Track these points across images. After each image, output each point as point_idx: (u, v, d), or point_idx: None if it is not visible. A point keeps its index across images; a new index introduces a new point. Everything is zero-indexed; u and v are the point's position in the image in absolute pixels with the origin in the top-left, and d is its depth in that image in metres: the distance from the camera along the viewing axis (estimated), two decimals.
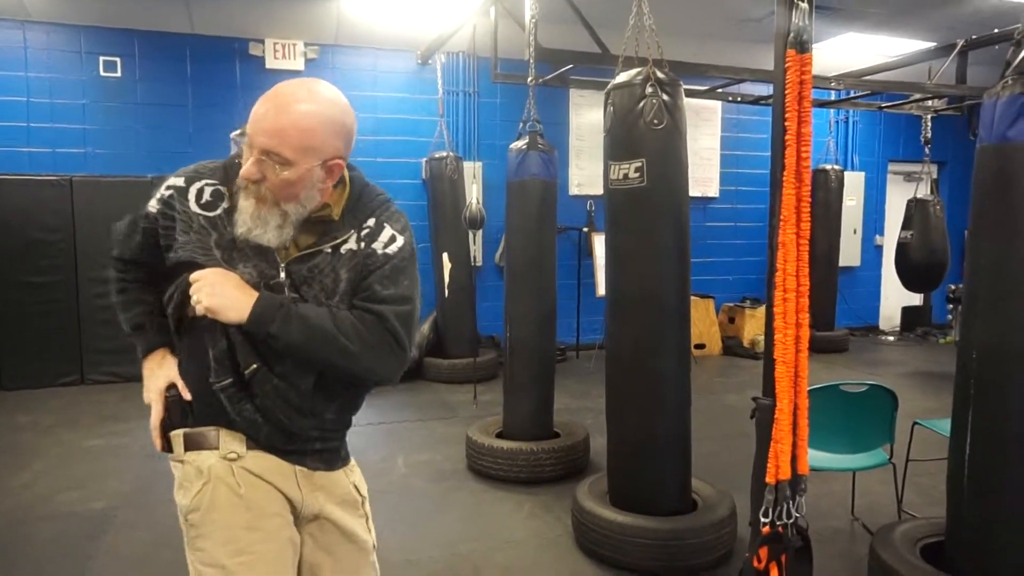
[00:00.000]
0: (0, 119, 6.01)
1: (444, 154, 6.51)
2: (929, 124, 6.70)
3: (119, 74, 6.27)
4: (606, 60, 4.45)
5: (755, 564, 2.20)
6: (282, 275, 1.40)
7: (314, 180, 1.36)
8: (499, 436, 4.11)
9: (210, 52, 6.48)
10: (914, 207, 6.87)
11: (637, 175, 2.93)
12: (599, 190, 3.23)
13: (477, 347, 6.54)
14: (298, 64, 6.64)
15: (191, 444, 1.44)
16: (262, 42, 6.55)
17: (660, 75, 2.91)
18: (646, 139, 2.91)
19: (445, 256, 6.43)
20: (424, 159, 6.82)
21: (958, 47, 5.20)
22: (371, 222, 1.46)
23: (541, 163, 4.06)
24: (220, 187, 1.43)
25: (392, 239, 1.46)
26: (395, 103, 6.88)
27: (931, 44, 5.89)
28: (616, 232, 3.11)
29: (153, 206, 1.46)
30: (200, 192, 1.43)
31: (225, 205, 1.41)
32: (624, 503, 3.03)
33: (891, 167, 9.12)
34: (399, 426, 4.96)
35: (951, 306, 8.25)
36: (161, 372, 1.50)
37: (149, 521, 3.38)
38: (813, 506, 3.43)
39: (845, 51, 7.09)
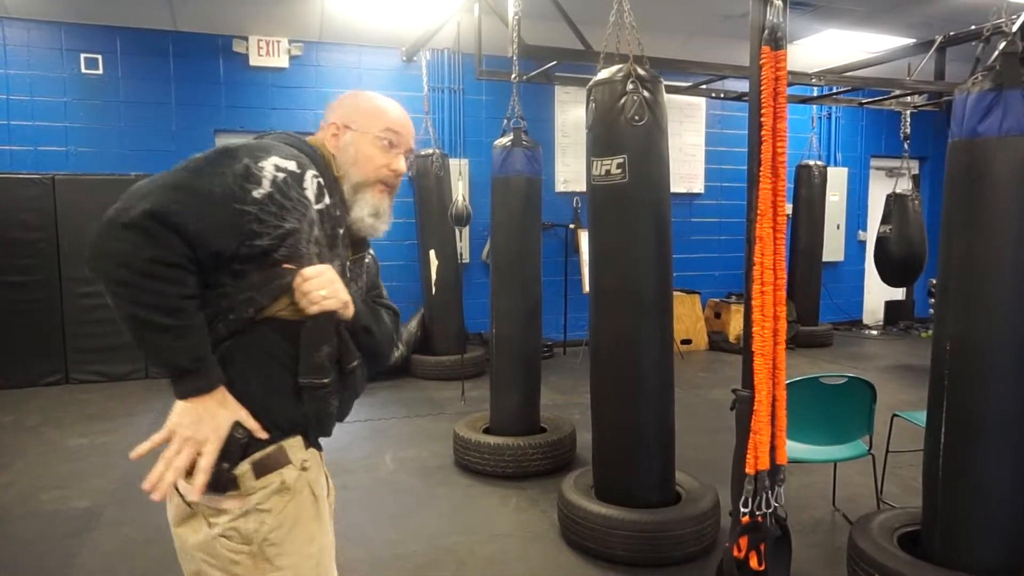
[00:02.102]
0: None
1: (430, 151, 6.51)
2: (909, 120, 6.78)
3: (101, 71, 6.22)
4: (589, 57, 4.48)
5: (735, 553, 2.24)
6: (347, 273, 1.46)
7: None
8: (486, 432, 4.13)
9: (193, 49, 6.44)
10: (893, 202, 6.95)
11: (619, 171, 2.95)
12: (584, 187, 3.26)
13: (464, 344, 6.56)
14: (282, 61, 6.62)
15: (263, 470, 1.32)
16: (246, 39, 6.52)
17: (641, 72, 2.94)
18: (627, 135, 2.94)
19: (432, 253, 6.44)
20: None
21: (936, 43, 5.27)
22: None
23: (525, 159, 4.08)
24: (320, 178, 1.37)
25: (372, 250, 1.61)
26: None
27: (910, 40, 5.95)
28: (599, 228, 3.14)
29: (267, 188, 1.26)
30: (312, 181, 1.35)
31: (327, 200, 1.37)
32: (609, 496, 3.07)
33: (873, 163, 9.22)
34: (386, 423, 4.97)
35: (933, 300, 8.35)
36: (225, 411, 1.27)
37: (134, 519, 3.38)
38: (794, 497, 3.49)
39: (826, 47, 7.16)
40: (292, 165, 1.31)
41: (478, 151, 7.16)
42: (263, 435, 1.30)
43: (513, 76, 4.14)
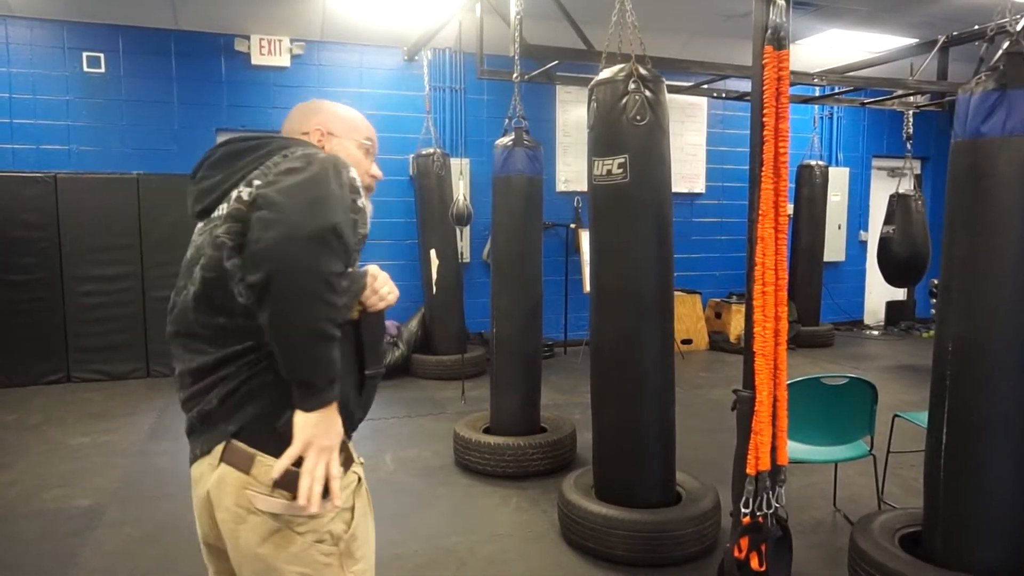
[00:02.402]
0: None
1: (431, 151, 6.51)
2: (911, 120, 6.77)
3: (103, 70, 6.23)
4: (591, 56, 4.47)
5: (736, 553, 2.24)
6: None
7: None
8: (486, 431, 4.13)
9: (195, 48, 6.45)
10: (896, 202, 6.94)
11: (620, 171, 2.95)
12: (585, 186, 3.26)
13: (465, 344, 6.56)
14: (284, 60, 6.62)
15: (345, 470, 1.37)
16: (248, 38, 6.52)
17: (643, 71, 2.93)
18: (629, 135, 2.93)
19: (433, 253, 6.44)
20: (411, 156, 6.82)
21: (939, 43, 5.26)
22: None
23: (527, 159, 4.08)
24: None
25: None
26: (381, 100, 6.87)
27: (913, 40, 5.95)
28: (600, 227, 3.14)
29: (362, 197, 1.35)
30: None
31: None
32: (609, 496, 3.06)
33: (875, 163, 9.21)
34: (387, 422, 4.97)
35: (934, 300, 8.34)
36: (339, 418, 1.28)
37: (136, 518, 3.38)
38: (795, 498, 3.49)
39: (828, 47, 7.15)
40: (353, 173, 1.35)
41: (479, 151, 7.15)
42: (347, 440, 1.36)
43: (515, 75, 4.14)
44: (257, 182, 1.29)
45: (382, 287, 1.39)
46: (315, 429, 1.23)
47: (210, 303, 1.32)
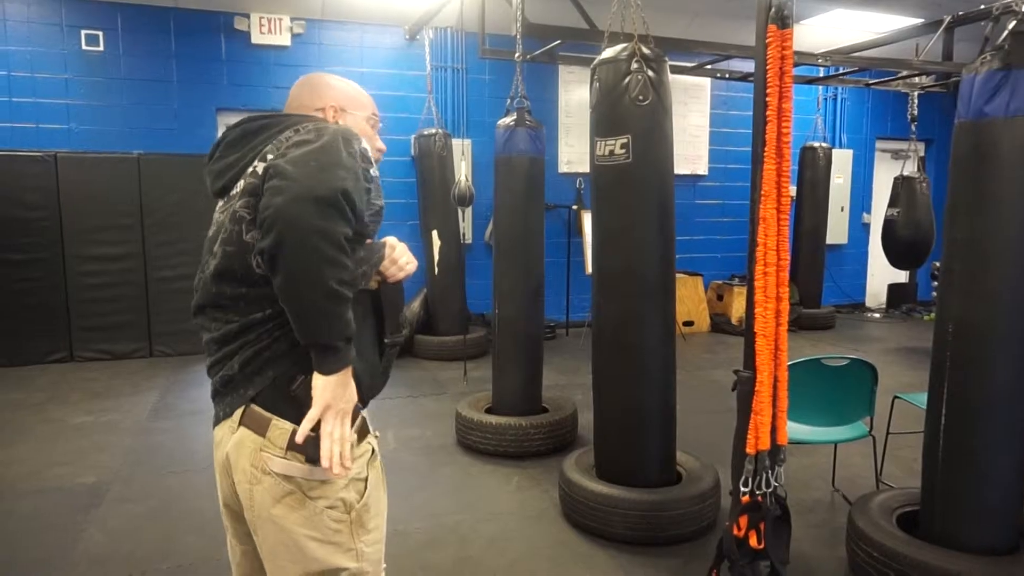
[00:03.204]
0: None
1: (433, 131, 6.48)
2: (916, 101, 6.72)
3: (101, 48, 6.19)
4: (593, 36, 4.44)
5: (735, 532, 2.26)
6: None
7: None
8: (488, 411, 4.15)
9: (195, 26, 6.40)
10: (900, 184, 6.91)
11: (623, 151, 2.94)
12: (588, 168, 3.25)
13: (467, 325, 6.58)
14: (284, 39, 6.57)
15: (360, 439, 1.44)
16: (248, 16, 6.47)
17: (645, 51, 2.91)
18: (631, 115, 2.92)
19: (434, 234, 6.45)
20: (413, 136, 6.79)
21: (945, 23, 5.20)
22: None
23: (529, 139, 4.06)
24: None
25: None
26: (382, 79, 6.83)
27: (918, 20, 5.89)
28: (602, 208, 3.14)
29: (374, 168, 1.39)
30: None
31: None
32: (610, 475, 3.09)
33: (879, 145, 9.16)
34: (389, 402, 5.00)
35: (935, 283, 8.33)
36: (352, 382, 1.31)
37: (140, 495, 3.42)
38: (794, 477, 3.51)
39: (833, 27, 7.08)
40: (365, 144, 1.38)
41: (481, 131, 7.12)
42: (364, 411, 1.41)
43: (517, 55, 4.11)
44: (270, 156, 1.33)
45: (400, 257, 1.43)
46: (333, 392, 1.26)
47: (232, 275, 1.35)
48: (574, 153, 7.63)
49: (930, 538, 2.43)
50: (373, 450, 1.48)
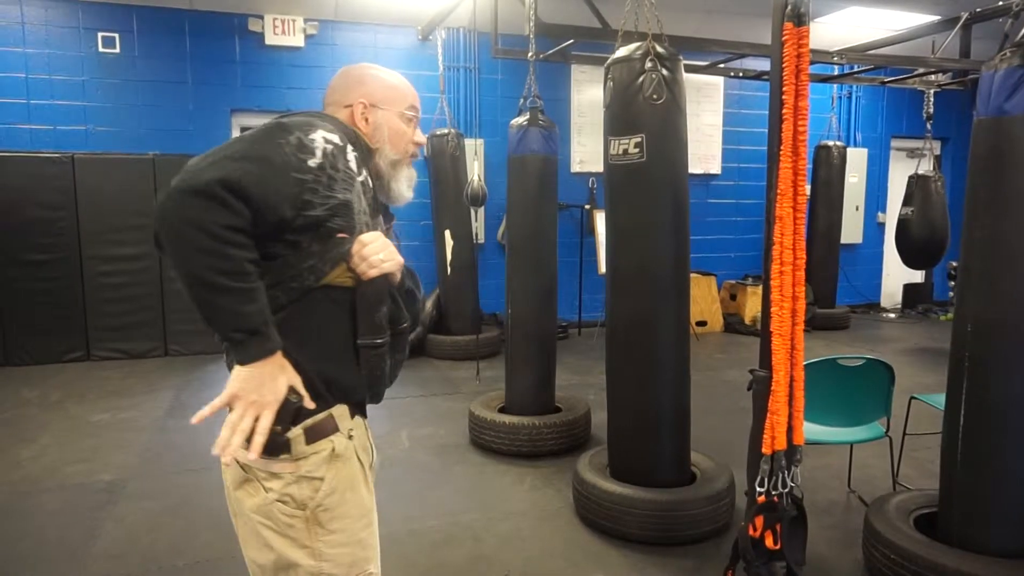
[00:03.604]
0: (0, 95, 6.01)
1: (445, 131, 6.49)
2: (932, 99, 6.66)
3: (118, 50, 6.25)
4: (606, 35, 4.43)
5: (751, 532, 2.25)
6: None
7: None
8: (501, 411, 4.16)
9: (209, 28, 6.44)
10: (915, 183, 6.85)
11: (636, 150, 2.93)
12: (601, 167, 3.24)
13: (479, 324, 6.58)
14: (298, 40, 6.61)
15: (314, 436, 1.38)
16: (261, 18, 6.51)
17: (659, 50, 2.90)
18: (645, 114, 2.91)
19: (447, 233, 6.46)
20: (425, 136, 6.80)
21: (961, 20, 5.15)
22: None
23: (542, 139, 4.06)
24: (356, 152, 1.43)
25: None
26: None
27: (935, 17, 5.83)
28: (616, 208, 3.13)
29: (320, 159, 1.31)
30: (354, 154, 1.42)
31: (365, 172, 1.44)
32: (624, 475, 3.08)
33: (894, 143, 9.08)
34: (402, 401, 5.01)
35: (952, 283, 8.26)
36: (284, 376, 1.30)
37: (156, 491, 3.45)
38: (809, 478, 3.49)
39: (848, 25, 7.03)
40: (337, 138, 1.37)
41: (493, 131, 7.12)
42: (311, 405, 1.35)
43: (530, 55, 4.11)
44: None
45: (373, 254, 1.36)
46: (244, 383, 1.26)
47: None
48: (586, 152, 7.62)
49: (948, 540, 2.41)
50: (334, 449, 1.40)
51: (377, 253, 1.37)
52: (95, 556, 2.86)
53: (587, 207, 7.45)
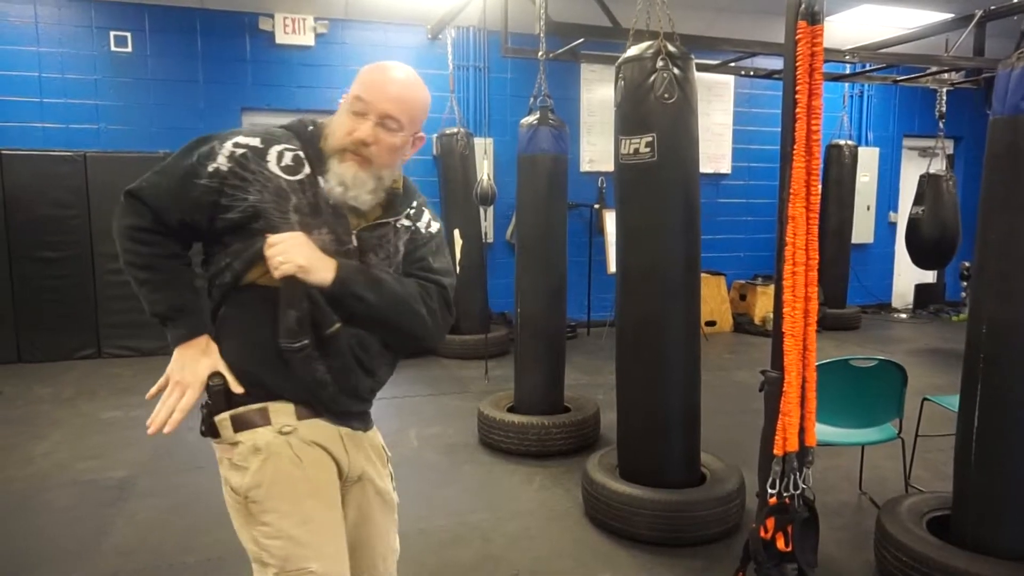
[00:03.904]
0: (13, 94, 6.06)
1: (455, 130, 6.49)
2: (944, 98, 6.61)
3: (130, 49, 6.28)
4: (617, 34, 4.42)
5: (762, 534, 2.23)
6: (354, 241, 1.47)
7: (406, 149, 1.49)
8: (510, 410, 4.15)
9: (220, 27, 6.47)
10: (926, 182, 6.80)
11: (647, 150, 2.92)
12: (610, 166, 3.23)
13: (488, 323, 6.58)
14: (308, 39, 6.62)
15: (240, 425, 1.44)
16: (272, 16, 6.53)
17: (671, 48, 2.89)
18: (657, 113, 2.90)
19: (456, 233, 6.44)
20: (435, 135, 6.80)
21: (976, 18, 5.11)
22: (415, 204, 1.60)
23: (552, 138, 4.05)
24: (299, 152, 1.44)
25: (430, 221, 1.63)
26: None
27: (948, 15, 5.77)
28: (626, 207, 3.12)
29: (222, 163, 1.38)
30: (281, 155, 1.42)
31: (307, 171, 1.43)
32: (633, 476, 3.07)
33: (906, 142, 9.02)
34: (411, 400, 5.02)
35: (965, 283, 8.20)
36: (206, 360, 1.43)
37: (166, 489, 3.46)
38: (820, 480, 3.47)
39: (860, 23, 6.98)
40: (255, 141, 1.42)
41: (503, 130, 7.12)
42: (238, 389, 1.43)
43: (540, 54, 4.10)
44: None
45: (273, 255, 1.35)
46: (173, 364, 1.44)
47: None
48: (596, 152, 7.60)
49: (962, 543, 2.38)
50: (256, 446, 1.42)
51: (277, 255, 1.35)
52: (105, 552, 2.88)
53: (596, 206, 7.43)
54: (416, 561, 2.80)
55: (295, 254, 1.36)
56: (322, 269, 1.38)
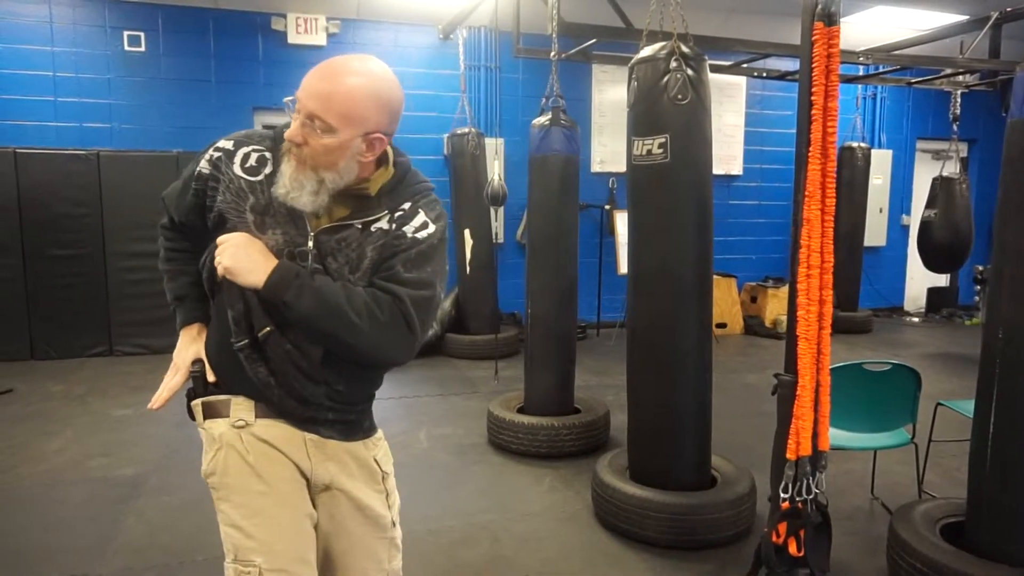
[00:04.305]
0: (28, 93, 6.10)
1: (466, 130, 6.49)
2: (959, 100, 6.55)
3: (143, 48, 6.31)
4: (630, 35, 4.41)
5: (773, 539, 2.22)
6: (310, 243, 1.42)
7: (353, 151, 1.37)
8: (520, 411, 4.14)
9: (233, 26, 6.49)
10: (939, 185, 6.75)
11: (660, 151, 2.91)
12: (621, 167, 3.22)
13: (498, 324, 6.58)
14: (320, 39, 6.64)
15: (208, 413, 1.51)
16: (284, 16, 6.55)
17: (685, 49, 2.88)
18: (670, 114, 2.88)
19: (467, 233, 6.45)
20: (446, 135, 6.81)
21: (991, 20, 5.06)
22: (406, 206, 1.47)
23: (564, 138, 4.05)
24: (265, 153, 1.45)
25: (424, 225, 1.47)
26: (417, 79, 6.85)
27: (963, 17, 5.73)
28: (639, 208, 3.10)
29: (204, 166, 1.48)
30: (246, 157, 1.45)
31: (267, 171, 1.44)
32: (644, 478, 3.06)
33: (920, 145, 8.95)
34: (421, 400, 5.02)
35: (978, 287, 8.13)
36: (193, 347, 1.57)
37: (176, 487, 3.47)
38: (831, 484, 3.43)
39: (873, 25, 6.93)
40: (228, 144, 1.48)
41: (514, 130, 7.11)
42: (211, 378, 1.52)
43: (552, 54, 4.09)
44: None
45: (219, 254, 1.40)
46: (175, 348, 1.60)
47: None
48: (607, 152, 7.58)
49: (976, 551, 2.36)
50: (214, 437, 1.48)
51: (218, 255, 1.41)
52: (116, 549, 2.89)
53: (607, 207, 7.42)
54: (426, 561, 2.80)
55: (226, 255, 1.39)
56: (251, 272, 1.37)
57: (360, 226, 1.43)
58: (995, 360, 2.33)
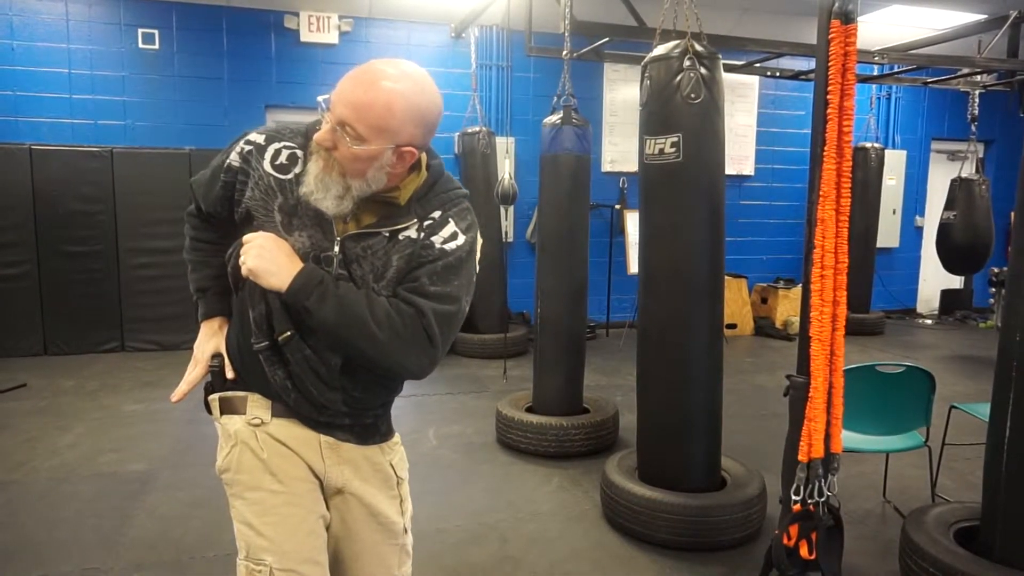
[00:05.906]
0: (44, 90, 6.14)
1: (477, 129, 6.49)
2: (977, 100, 6.48)
3: (157, 46, 6.34)
4: (642, 33, 4.39)
5: (785, 541, 2.20)
6: (336, 249, 1.39)
7: (383, 162, 1.32)
8: (529, 411, 4.14)
9: (245, 25, 6.51)
10: (958, 187, 6.68)
11: (673, 150, 2.89)
12: (632, 167, 3.21)
13: (507, 323, 6.57)
14: (332, 37, 6.65)
15: (225, 408, 1.51)
16: (297, 15, 6.56)
17: (698, 48, 2.86)
18: (683, 114, 2.87)
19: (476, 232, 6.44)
20: (457, 133, 6.80)
21: (1010, 19, 5.01)
22: (436, 214, 1.42)
23: (575, 138, 4.03)
24: (297, 151, 1.41)
25: (453, 236, 1.42)
26: None
27: (981, 16, 5.67)
28: (651, 208, 3.09)
29: (234, 159, 1.44)
30: (277, 153, 1.41)
31: (297, 169, 1.39)
32: (653, 479, 3.04)
33: (934, 145, 8.86)
34: (430, 399, 5.02)
35: (993, 290, 8.04)
36: (213, 340, 1.55)
37: (187, 483, 3.49)
38: (843, 487, 3.42)
39: (889, 24, 6.87)
40: (260, 139, 1.44)
41: (525, 129, 7.10)
42: (230, 374, 1.51)
43: (564, 53, 4.08)
44: None
45: (243, 254, 1.37)
46: (197, 339, 1.57)
47: None
48: (618, 152, 7.56)
49: (990, 556, 2.33)
50: (229, 432, 1.49)
51: (245, 252, 1.37)
52: (127, 544, 2.90)
53: (617, 207, 7.40)
54: (434, 560, 2.80)
55: (251, 256, 1.35)
56: (275, 275, 1.34)
57: (387, 234, 1.39)
58: (1012, 363, 2.30)
